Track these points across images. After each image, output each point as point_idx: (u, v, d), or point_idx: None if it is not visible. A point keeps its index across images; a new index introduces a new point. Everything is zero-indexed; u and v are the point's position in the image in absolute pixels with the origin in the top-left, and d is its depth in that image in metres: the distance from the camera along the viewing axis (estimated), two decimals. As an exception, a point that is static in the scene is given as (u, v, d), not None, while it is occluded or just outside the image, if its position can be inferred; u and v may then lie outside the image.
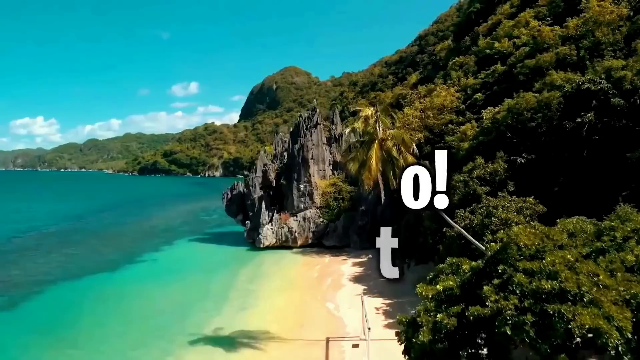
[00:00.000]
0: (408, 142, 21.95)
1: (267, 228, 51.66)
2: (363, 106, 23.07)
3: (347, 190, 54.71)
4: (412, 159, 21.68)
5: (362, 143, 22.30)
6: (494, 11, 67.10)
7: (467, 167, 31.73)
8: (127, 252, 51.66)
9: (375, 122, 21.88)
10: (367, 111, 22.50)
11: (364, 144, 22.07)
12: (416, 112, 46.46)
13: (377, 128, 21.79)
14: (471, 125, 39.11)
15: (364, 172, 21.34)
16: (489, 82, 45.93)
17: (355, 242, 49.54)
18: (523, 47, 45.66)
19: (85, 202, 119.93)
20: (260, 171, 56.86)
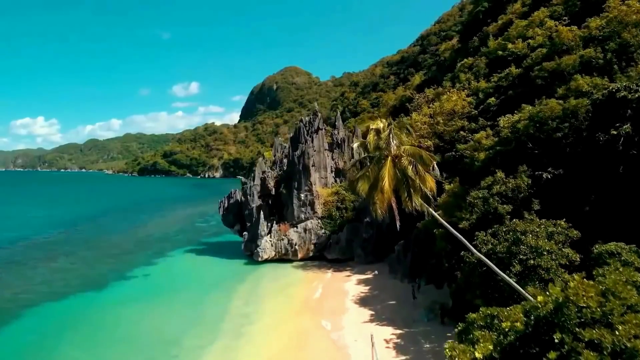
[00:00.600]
0: (427, 159, 18.96)
1: (265, 240, 48.69)
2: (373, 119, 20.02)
3: (350, 200, 51.76)
4: (431, 179, 18.74)
5: (373, 160, 19.30)
6: (503, 10, 64.12)
7: (486, 181, 28.74)
8: (118, 266, 48.72)
9: (388, 137, 18.90)
10: (378, 124, 19.54)
11: (375, 161, 19.08)
12: (425, 117, 43.45)
13: (390, 143, 18.81)
14: (486, 133, 36.11)
15: (376, 194, 18.37)
16: (503, 86, 42.93)
17: (360, 256, 46.58)
18: (539, 48, 42.68)
19: (81, 206, 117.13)
20: (259, 179, 53.90)
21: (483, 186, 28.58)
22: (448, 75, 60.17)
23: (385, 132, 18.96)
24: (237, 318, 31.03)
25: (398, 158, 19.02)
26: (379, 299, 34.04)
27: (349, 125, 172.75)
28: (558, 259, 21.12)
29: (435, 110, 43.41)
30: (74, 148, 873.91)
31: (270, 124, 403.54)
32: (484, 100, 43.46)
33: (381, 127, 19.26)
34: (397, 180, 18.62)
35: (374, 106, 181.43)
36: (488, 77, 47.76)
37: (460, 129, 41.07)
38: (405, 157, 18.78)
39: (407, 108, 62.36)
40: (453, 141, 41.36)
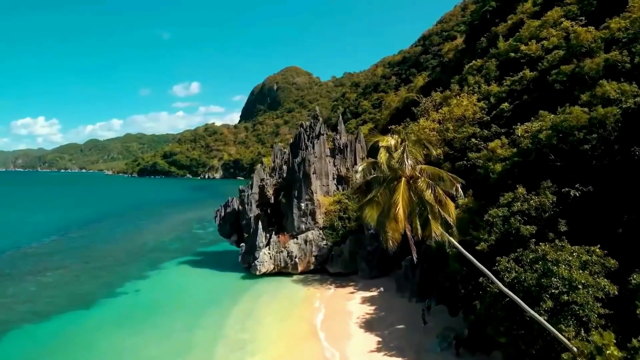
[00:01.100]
0: (448, 181, 16.30)
1: (263, 253, 46.07)
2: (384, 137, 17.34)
3: (353, 209, 49.00)
4: (452, 206, 16.09)
5: (383, 182, 16.66)
6: (513, 10, 61.37)
7: (505, 198, 26.10)
8: (109, 280, 46.15)
9: (402, 155, 16.26)
10: (389, 140, 16.88)
11: (386, 184, 16.44)
12: (433, 124, 40.81)
13: (404, 162, 16.18)
14: (501, 142, 33.47)
15: (387, 223, 15.76)
16: (517, 90, 40.26)
17: (364, 270, 43.94)
18: (555, 50, 40.03)
19: (77, 210, 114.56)
20: (257, 187, 51.27)
21: (502, 203, 25.94)
22: (455, 78, 57.45)
23: (399, 149, 16.31)
24: (233, 346, 28.42)
25: (413, 179, 16.41)
26: (387, 322, 31.42)
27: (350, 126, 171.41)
28: (594, 292, 18.53)
29: (445, 116, 40.75)
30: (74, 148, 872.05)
31: (271, 124, 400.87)
32: (496, 105, 40.79)
33: (393, 144, 16.62)
34: (412, 206, 16.01)
35: (376, 107, 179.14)
36: (499, 81, 45.07)
37: (472, 136, 38.42)
38: (422, 178, 16.16)
39: (412, 111, 59.69)
40: (464, 149, 38.70)
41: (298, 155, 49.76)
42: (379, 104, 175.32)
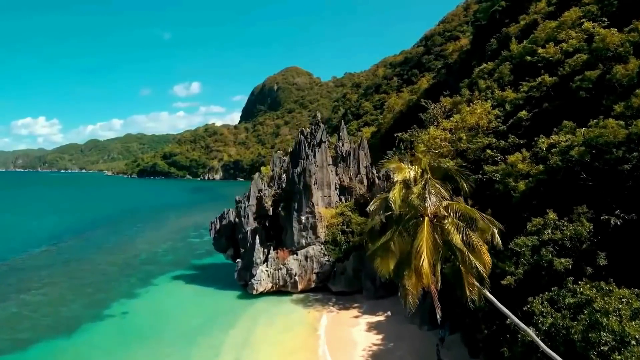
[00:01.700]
0: (480, 222, 13.22)
1: (261, 270, 43.00)
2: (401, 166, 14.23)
3: (357, 222, 46.05)
4: (487, 254, 13.02)
5: (399, 222, 13.58)
6: (524, 10, 58.30)
7: (534, 224, 23.00)
8: (95, 299, 43.15)
9: (423, 190, 13.20)
10: (406, 172, 13.82)
11: (403, 226, 13.37)
12: (444, 133, 37.72)
13: (426, 199, 13.11)
14: (522, 156, 30.36)
15: (407, 277, 12.72)
16: (535, 97, 37.16)
17: (369, 290, 40.86)
18: (577, 54, 36.92)
19: (72, 215, 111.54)
20: (255, 198, 48.20)
21: (531, 230, 22.84)
22: (465, 82, 54.37)
23: (419, 182, 13.24)
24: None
25: (438, 219, 13.35)
26: (396, 356, 28.37)
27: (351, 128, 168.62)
28: (650, 347, 15.46)
29: (457, 125, 37.65)
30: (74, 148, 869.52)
31: (271, 124, 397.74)
32: (512, 113, 37.69)
33: (411, 176, 13.56)
34: (438, 253, 12.95)
35: (377, 108, 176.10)
36: (515, 86, 41.98)
37: (487, 147, 35.33)
38: (450, 218, 13.09)
39: (418, 117, 56.46)
40: (478, 161, 35.64)
41: (298, 164, 46.67)
42: (381, 105, 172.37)
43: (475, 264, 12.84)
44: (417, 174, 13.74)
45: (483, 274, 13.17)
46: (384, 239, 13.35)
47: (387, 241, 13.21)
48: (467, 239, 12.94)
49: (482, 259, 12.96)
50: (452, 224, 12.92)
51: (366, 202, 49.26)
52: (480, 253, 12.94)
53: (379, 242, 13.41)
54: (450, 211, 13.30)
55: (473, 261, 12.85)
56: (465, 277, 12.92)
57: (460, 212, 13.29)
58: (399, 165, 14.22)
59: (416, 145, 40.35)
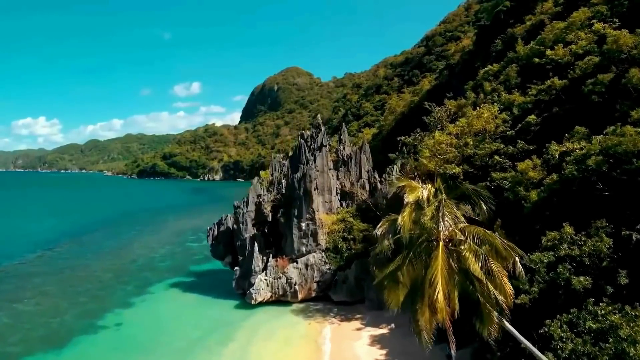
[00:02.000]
0: (503, 250, 11.87)
1: (260, 279, 41.64)
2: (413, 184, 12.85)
3: (358, 229, 44.75)
4: (508, 285, 11.66)
5: (411, 246, 12.24)
6: (530, 10, 56.93)
7: (549, 238, 21.64)
8: (89, 308, 41.79)
9: (437, 211, 11.87)
10: (418, 191, 12.48)
11: (416, 249, 12.03)
12: (450, 137, 36.36)
13: (440, 221, 11.77)
14: (533, 163, 28.98)
15: (420, 310, 11.37)
16: (544, 101, 35.78)
17: (372, 300, 39.46)
18: (588, 56, 35.55)
19: (71, 217, 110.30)
20: (253, 204, 46.85)
21: (546, 245, 21.47)
22: (469, 84, 53.00)
23: (433, 204, 11.89)
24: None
25: (453, 243, 12.01)
26: (401, 374, 27.00)
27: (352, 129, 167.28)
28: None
29: (463, 129, 36.28)
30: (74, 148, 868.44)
31: (271, 125, 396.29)
32: (520, 117, 36.32)
33: (424, 196, 12.22)
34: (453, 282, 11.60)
35: (378, 109, 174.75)
36: (522, 89, 40.61)
37: (495, 153, 33.98)
38: (467, 243, 11.74)
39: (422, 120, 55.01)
40: (485, 167, 34.31)
41: (298, 169, 45.30)
42: (382, 105, 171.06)
43: (495, 295, 11.52)
44: (431, 193, 12.42)
45: (503, 304, 11.83)
46: (392, 266, 12.03)
47: (396, 269, 11.87)
48: (486, 266, 11.61)
49: (504, 289, 11.64)
50: (470, 250, 11.60)
51: (368, 207, 47.98)
52: (502, 283, 11.62)
53: (387, 270, 12.07)
54: (468, 235, 11.98)
55: (493, 291, 11.53)
56: (484, 308, 11.60)
57: (478, 236, 11.97)
58: (409, 184, 12.90)
59: (421, 150, 38.99)
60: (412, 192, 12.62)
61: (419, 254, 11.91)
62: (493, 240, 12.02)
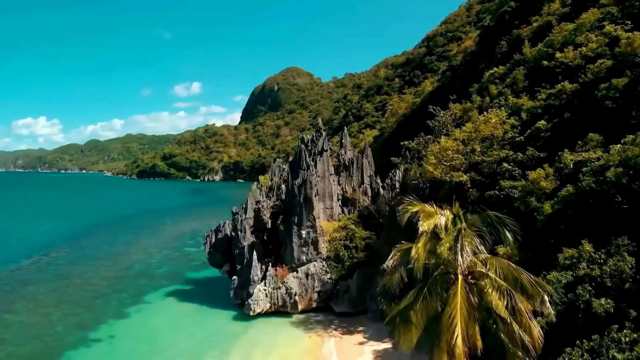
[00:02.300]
0: (527, 284, 10.51)
1: (258, 289, 40.27)
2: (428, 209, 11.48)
3: (360, 236, 43.42)
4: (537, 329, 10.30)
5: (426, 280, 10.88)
6: (536, 11, 55.57)
7: (566, 255, 20.26)
8: (82, 320, 40.41)
9: (456, 242, 10.51)
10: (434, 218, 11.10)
11: (432, 284, 10.68)
12: (457, 143, 34.99)
13: (460, 253, 10.42)
14: (545, 172, 27.61)
15: (436, 354, 10.00)
16: (555, 106, 34.42)
17: (375, 312, 38.01)
18: (600, 59, 34.20)
19: (67, 220, 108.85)
20: (252, 211, 45.51)
21: (564, 263, 20.10)
22: (474, 86, 51.65)
23: (451, 234, 10.54)
24: None
25: (473, 276, 10.66)
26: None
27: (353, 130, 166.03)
28: None
29: (470, 135, 34.91)
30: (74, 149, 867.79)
31: (271, 125, 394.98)
32: (529, 123, 34.96)
33: (442, 223, 10.86)
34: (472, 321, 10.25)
35: (379, 110, 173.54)
36: (530, 92, 39.25)
37: (503, 160, 32.62)
38: (490, 278, 10.39)
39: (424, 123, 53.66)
40: (494, 174, 32.94)
41: (298, 175, 43.93)
42: (382, 106, 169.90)
43: (521, 336, 10.19)
44: (449, 220, 11.08)
45: (529, 345, 10.48)
46: (404, 303, 10.72)
47: (409, 307, 10.53)
48: (511, 304, 10.28)
49: (531, 331, 10.31)
50: (493, 286, 10.27)
51: (370, 214, 46.63)
52: (529, 325, 10.28)
53: (398, 307, 10.75)
54: (490, 267, 10.65)
55: (518, 331, 10.19)
56: (508, 350, 10.27)
57: (502, 270, 10.63)
58: (423, 209, 11.54)
59: (425, 156, 37.63)
60: (428, 219, 11.29)
61: (435, 288, 10.59)
62: (519, 275, 10.69)
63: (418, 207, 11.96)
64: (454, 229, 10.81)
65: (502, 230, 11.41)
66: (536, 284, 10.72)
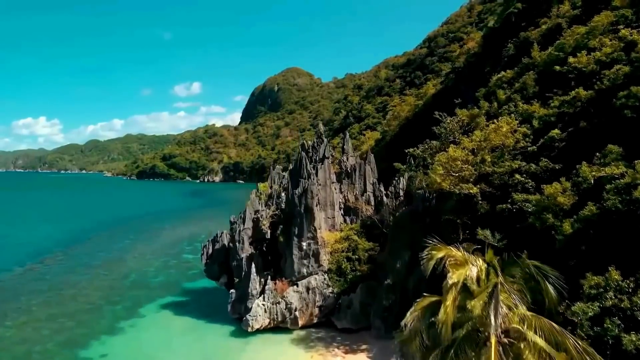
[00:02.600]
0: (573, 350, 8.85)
1: (257, 304, 38.58)
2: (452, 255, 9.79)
3: (364, 248, 41.75)
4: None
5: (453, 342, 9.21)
6: (543, 13, 53.85)
7: (592, 283, 18.57)
8: (73, 335, 38.82)
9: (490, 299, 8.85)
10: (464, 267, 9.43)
11: (459, 347, 9.01)
12: (465, 153, 33.26)
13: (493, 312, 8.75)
14: (562, 187, 25.89)
15: None
16: (569, 114, 32.69)
17: (379, 329, 36.42)
18: (615, 64, 32.47)
19: (65, 225, 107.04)
20: (251, 221, 43.81)
21: (589, 293, 18.41)
22: (481, 90, 49.88)
23: (484, 289, 8.88)
24: None
25: (508, 336, 8.99)
26: None
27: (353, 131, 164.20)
28: None
29: (480, 145, 33.18)
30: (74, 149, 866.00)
31: (271, 126, 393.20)
32: (541, 131, 33.21)
33: (473, 276, 9.21)
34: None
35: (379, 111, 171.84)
36: (541, 98, 37.51)
37: (515, 171, 30.89)
38: (528, 340, 8.71)
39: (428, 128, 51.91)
40: (505, 186, 31.22)
41: (298, 184, 42.25)
42: (383, 107, 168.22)
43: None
44: (482, 271, 9.42)
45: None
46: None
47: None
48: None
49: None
50: (532, 350, 8.63)
51: (374, 224, 44.94)
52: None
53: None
54: (528, 327, 9.01)
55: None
56: None
57: (543, 331, 8.99)
58: (449, 253, 9.88)
59: (432, 166, 35.90)
60: (457, 269, 9.62)
61: (463, 349, 8.97)
62: (562, 339, 9.05)
63: (443, 252, 10.31)
64: (488, 282, 9.16)
65: (543, 283, 9.76)
66: (584, 351, 9.05)
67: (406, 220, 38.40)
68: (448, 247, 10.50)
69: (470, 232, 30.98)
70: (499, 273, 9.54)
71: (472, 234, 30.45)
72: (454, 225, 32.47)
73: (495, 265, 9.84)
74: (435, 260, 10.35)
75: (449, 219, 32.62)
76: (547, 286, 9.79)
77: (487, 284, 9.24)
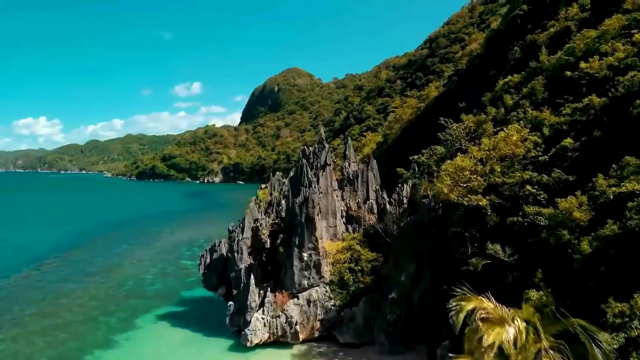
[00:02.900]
0: None
1: (256, 317, 37.23)
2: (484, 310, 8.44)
3: (367, 259, 40.41)
4: None
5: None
6: (552, 15, 52.44)
7: (616, 311, 17.24)
8: (66, 350, 37.55)
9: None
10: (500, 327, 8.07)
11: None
12: (474, 163, 31.91)
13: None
14: (578, 201, 24.55)
15: None
16: (582, 122, 31.37)
17: (383, 344, 35.04)
18: (630, 71, 31.14)
19: (62, 228, 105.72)
20: (250, 230, 42.48)
21: (613, 322, 17.07)
22: (487, 95, 48.50)
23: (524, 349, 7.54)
24: None
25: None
26: None
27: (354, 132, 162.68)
28: None
29: (489, 154, 31.84)
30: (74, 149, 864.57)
31: (272, 126, 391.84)
32: (553, 140, 31.86)
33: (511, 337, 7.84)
34: None
35: (380, 112, 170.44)
36: (551, 105, 36.15)
37: (527, 182, 29.54)
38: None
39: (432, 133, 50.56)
40: (516, 198, 29.86)
41: (299, 192, 40.89)
42: (384, 109, 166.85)
43: None
44: (521, 333, 8.06)
45: None
46: None
47: None
48: None
49: None
50: None
51: (377, 233, 43.57)
52: None
53: None
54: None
55: None
56: None
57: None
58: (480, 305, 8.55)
59: (439, 175, 34.57)
60: (492, 329, 8.24)
61: None
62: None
63: (474, 304, 8.98)
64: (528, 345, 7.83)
65: (590, 347, 8.44)
66: None
67: (411, 231, 37.02)
68: (478, 298, 9.16)
69: (479, 246, 29.68)
70: (541, 336, 8.20)
71: (481, 247, 29.18)
72: (462, 238, 31.16)
73: (537, 325, 8.50)
74: (465, 312, 9.01)
75: (457, 231, 31.31)
76: (594, 351, 8.46)
77: (528, 347, 7.95)
